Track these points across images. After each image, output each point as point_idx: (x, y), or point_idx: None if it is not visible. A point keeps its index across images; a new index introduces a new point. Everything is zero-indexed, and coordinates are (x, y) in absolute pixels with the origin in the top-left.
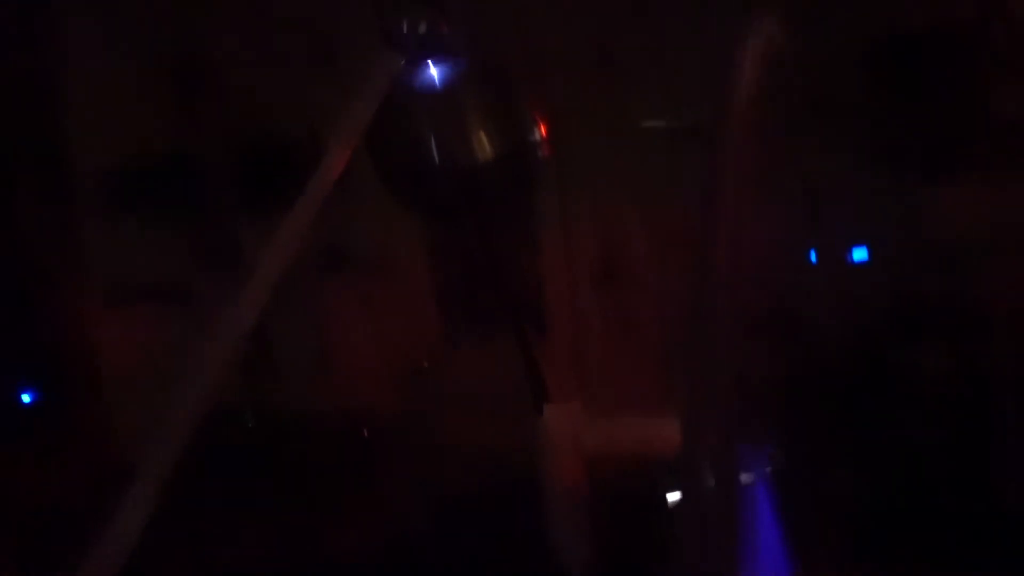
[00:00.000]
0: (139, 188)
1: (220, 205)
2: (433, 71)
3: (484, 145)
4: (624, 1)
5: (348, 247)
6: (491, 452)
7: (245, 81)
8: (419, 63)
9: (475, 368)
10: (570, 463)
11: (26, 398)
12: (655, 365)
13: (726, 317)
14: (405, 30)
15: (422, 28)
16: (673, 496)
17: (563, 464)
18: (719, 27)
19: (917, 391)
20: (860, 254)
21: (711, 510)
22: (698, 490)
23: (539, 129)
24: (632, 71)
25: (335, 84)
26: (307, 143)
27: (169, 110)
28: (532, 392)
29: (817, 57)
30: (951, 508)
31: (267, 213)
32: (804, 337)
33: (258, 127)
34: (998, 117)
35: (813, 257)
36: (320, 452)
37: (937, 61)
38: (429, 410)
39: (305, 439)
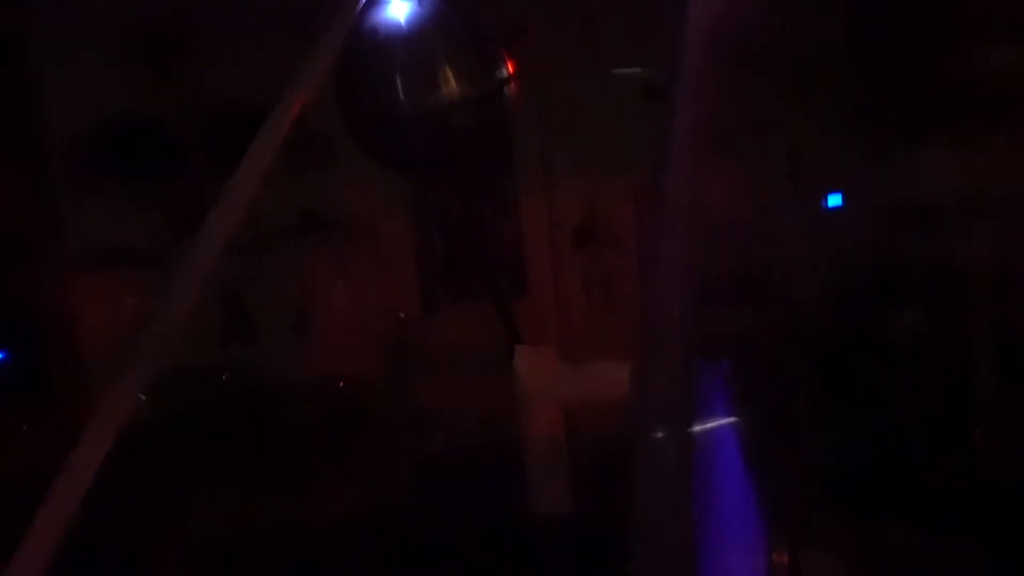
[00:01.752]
0: (111, 153)
1: (192, 169)
2: (399, 9)
3: (452, 85)
4: None
5: (325, 210)
6: (472, 411)
7: (216, 48)
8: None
9: (455, 329)
10: (546, 408)
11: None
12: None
13: (679, 270)
14: None
15: None
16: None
17: (539, 409)
18: None
19: (894, 350)
20: (835, 200)
21: (661, 460)
22: (647, 439)
23: (507, 68)
24: (612, 28)
25: (306, 49)
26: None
27: (141, 76)
28: (507, 338)
29: (797, 16)
30: (928, 462)
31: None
32: (783, 298)
33: (229, 93)
34: (977, 77)
35: (792, 217)
36: (300, 414)
37: (918, 20)
38: (409, 370)
39: (285, 402)
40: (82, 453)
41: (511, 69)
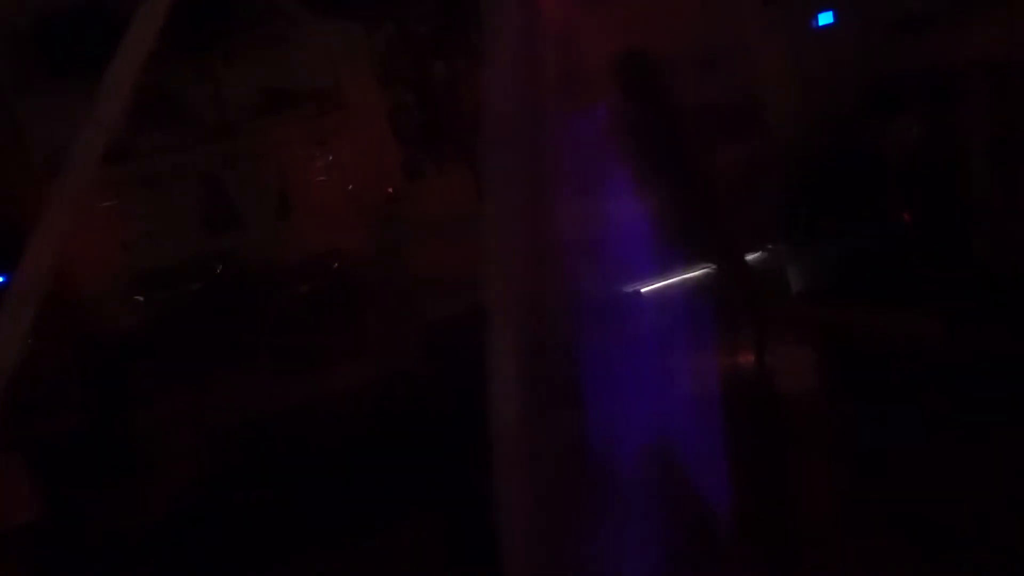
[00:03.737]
0: (59, 48)
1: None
2: None
3: None
4: None
5: (291, 86)
6: (463, 275)
7: None
8: None
9: (442, 193)
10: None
11: None
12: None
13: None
14: None
15: None
16: None
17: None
18: None
19: (888, 160)
20: (825, 18)
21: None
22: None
23: None
24: None
25: None
26: None
27: None
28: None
29: None
30: (924, 264)
31: (197, 62)
32: (775, 122)
33: None
34: None
35: (773, 41)
36: (296, 295)
37: None
38: (401, 240)
39: (279, 285)
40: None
41: None
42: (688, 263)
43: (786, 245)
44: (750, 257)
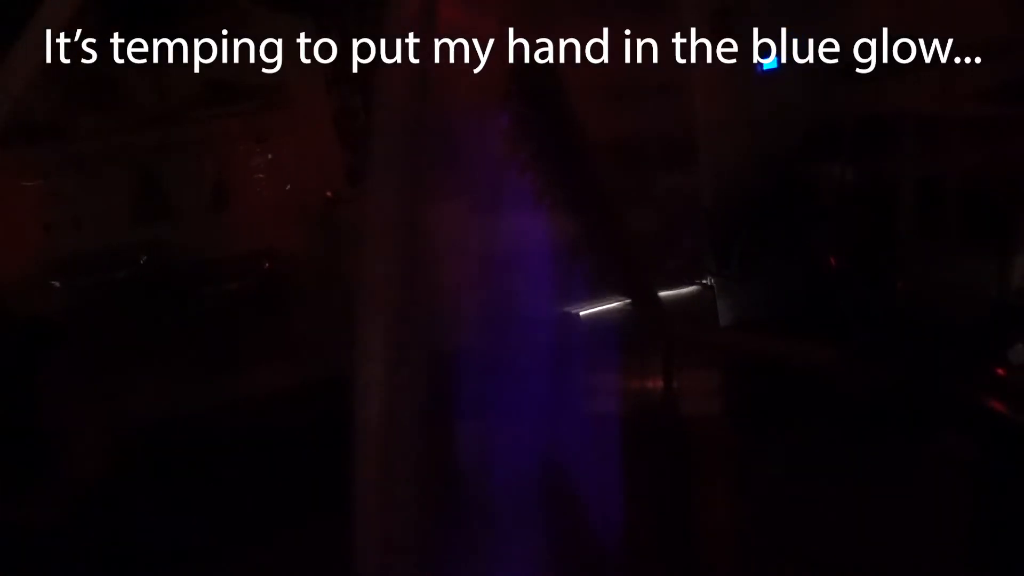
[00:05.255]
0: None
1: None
2: None
3: None
4: None
5: (235, 79)
6: None
7: None
8: None
9: None
10: None
11: None
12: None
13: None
14: None
15: None
16: None
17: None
18: None
19: (822, 200)
20: (770, 64)
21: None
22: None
23: None
24: None
25: None
26: None
27: None
28: None
29: None
30: (847, 300)
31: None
32: (715, 160)
33: None
34: None
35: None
36: (225, 292)
37: None
38: (338, 245)
39: (208, 280)
40: None
41: None
42: (596, 288)
43: (719, 278)
44: (681, 289)
